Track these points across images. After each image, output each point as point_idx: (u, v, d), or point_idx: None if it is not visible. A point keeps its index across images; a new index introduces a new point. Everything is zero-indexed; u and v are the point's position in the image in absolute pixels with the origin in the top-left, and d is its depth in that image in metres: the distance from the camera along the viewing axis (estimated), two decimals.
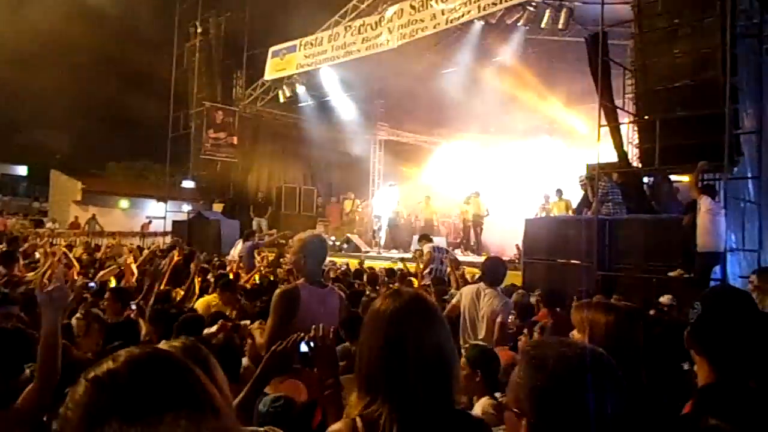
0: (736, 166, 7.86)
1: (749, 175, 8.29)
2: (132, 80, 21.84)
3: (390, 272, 9.17)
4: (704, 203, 7.07)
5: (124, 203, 24.51)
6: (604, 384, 1.08)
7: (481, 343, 3.47)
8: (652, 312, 4.79)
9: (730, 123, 7.45)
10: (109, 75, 22.86)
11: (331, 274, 7.66)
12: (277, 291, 3.04)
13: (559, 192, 13.81)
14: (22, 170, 36.84)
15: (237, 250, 11.34)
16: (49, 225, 21.82)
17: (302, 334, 1.94)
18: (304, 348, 1.90)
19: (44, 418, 2.09)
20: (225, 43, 18.73)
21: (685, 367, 2.29)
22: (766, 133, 8.21)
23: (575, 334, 1.75)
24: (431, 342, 1.37)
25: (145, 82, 21.98)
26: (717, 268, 7.24)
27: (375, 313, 1.43)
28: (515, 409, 1.12)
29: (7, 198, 30.78)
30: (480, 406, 2.77)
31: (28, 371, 2.32)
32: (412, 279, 8.14)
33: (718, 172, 7.73)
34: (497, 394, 2.80)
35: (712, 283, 7.19)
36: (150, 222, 21.20)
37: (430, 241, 9.44)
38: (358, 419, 1.34)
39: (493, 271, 5.02)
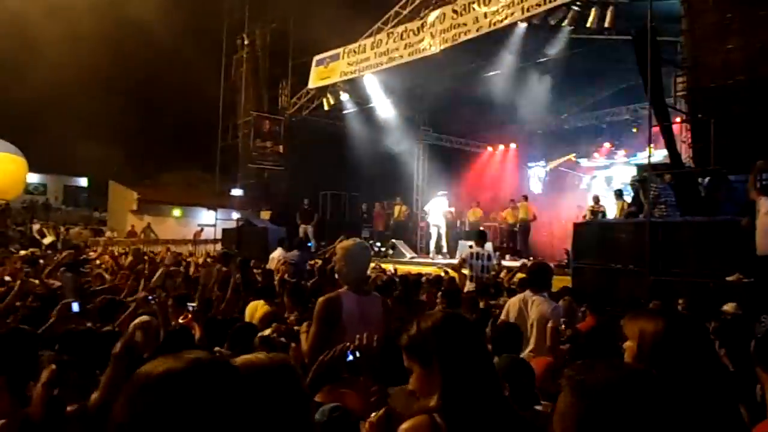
0: None
1: None
2: (182, 93, 22.56)
3: (437, 279, 9.14)
4: (764, 204, 6.76)
5: (176, 212, 25.25)
6: (653, 411, 1.04)
7: (512, 355, 3.39)
8: (712, 324, 4.54)
9: None
10: (161, 89, 23.67)
11: (378, 282, 7.69)
12: (320, 299, 3.05)
13: (618, 193, 13.41)
14: (83, 182, 38.57)
15: (276, 254, 11.59)
16: (107, 234, 22.78)
17: (348, 344, 1.97)
18: (350, 357, 1.94)
19: None
20: (271, 54, 19.16)
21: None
22: None
23: (627, 344, 1.69)
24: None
25: (195, 94, 22.66)
26: None
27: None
28: None
29: (70, 208, 32.25)
30: None
31: None
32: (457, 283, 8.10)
33: None
34: (538, 407, 2.72)
35: None
36: (202, 230, 21.78)
37: (483, 245, 9.12)
38: (436, 415, 1.39)
39: (539, 276, 4.84)
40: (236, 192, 19.35)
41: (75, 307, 3.93)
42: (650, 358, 1.59)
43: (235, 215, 19.46)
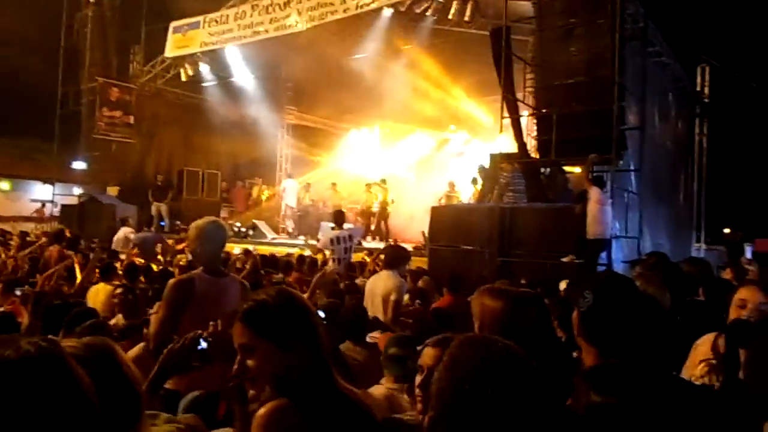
0: (621, 159, 8.49)
1: (632, 167, 8.99)
2: (14, 50, 19.92)
3: (300, 259, 9.10)
4: (594, 193, 7.59)
5: (4, 185, 22.47)
6: (514, 393, 1.09)
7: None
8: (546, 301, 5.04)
9: (617, 119, 8.03)
10: None
11: (237, 264, 7.45)
12: (170, 281, 2.93)
13: (474, 179, 14.27)
14: None
15: (121, 234, 10.84)
16: None
17: (200, 332, 1.88)
18: (202, 345, 1.85)
19: None
20: (121, 16, 17.52)
21: (575, 355, 2.39)
22: (648, 129, 8.92)
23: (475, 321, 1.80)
24: None
25: (29, 52, 20.12)
26: (603, 254, 7.81)
27: None
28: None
29: None
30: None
31: None
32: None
33: (607, 164, 8.31)
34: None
35: (599, 268, 7.78)
36: (44, 206, 19.63)
37: (341, 227, 9.27)
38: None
39: (392, 256, 5.25)
40: (78, 165, 17.55)
41: None
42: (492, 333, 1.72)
43: (77, 190, 17.71)
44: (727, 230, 21.43)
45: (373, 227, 15.06)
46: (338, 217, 8.59)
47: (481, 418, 1.06)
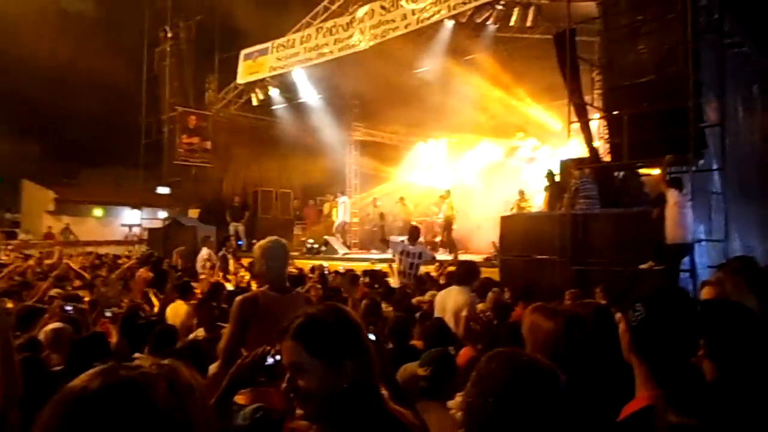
0: (701, 159, 8.04)
1: (714, 167, 8.48)
2: (103, 86, 21.50)
3: (371, 274, 9.23)
4: (672, 196, 7.22)
5: (98, 212, 24.09)
6: (537, 407, 1.09)
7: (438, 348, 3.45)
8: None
9: (694, 117, 7.63)
10: (79, 81, 22.45)
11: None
12: (237, 298, 3.04)
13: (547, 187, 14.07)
14: None
15: (201, 255, 11.33)
16: (21, 236, 21.39)
17: (268, 348, 1.93)
18: (270, 360, 1.90)
19: None
20: (196, 47, 18.57)
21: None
22: (729, 126, 8.41)
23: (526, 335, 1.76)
24: None
25: (115, 87, 21.64)
26: (686, 259, 7.40)
27: None
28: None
29: None
30: None
31: None
32: (389, 280, 8.19)
33: (685, 164, 7.89)
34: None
35: (682, 274, 7.38)
36: (131, 229, 20.95)
37: (415, 243, 9.26)
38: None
39: (463, 273, 5.22)
40: (162, 190, 18.63)
41: None
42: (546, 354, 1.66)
43: (162, 214, 18.78)
44: None
45: (438, 239, 14.99)
46: (413, 233, 8.66)
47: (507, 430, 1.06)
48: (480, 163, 17.29)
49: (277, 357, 1.88)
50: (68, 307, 4.20)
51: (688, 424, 1.36)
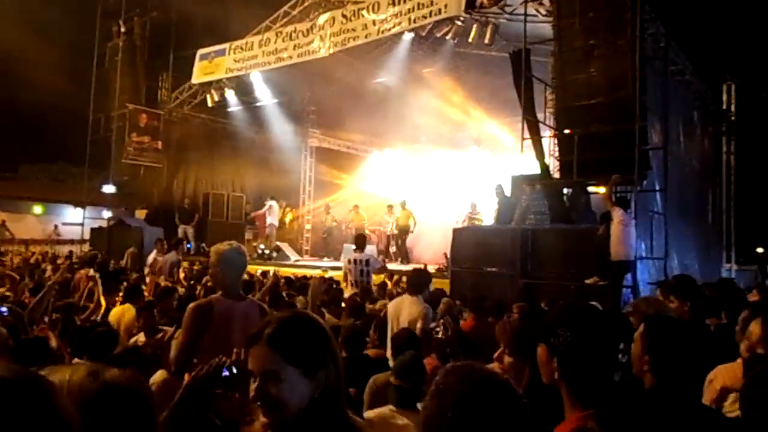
0: (645, 180, 8.40)
1: (657, 187, 8.88)
2: (48, 79, 20.64)
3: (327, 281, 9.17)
4: (617, 214, 7.51)
5: (37, 209, 23.09)
6: (495, 422, 1.10)
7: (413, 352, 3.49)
8: None
9: (639, 139, 7.97)
10: (23, 72, 21.49)
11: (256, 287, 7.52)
12: (190, 305, 2.96)
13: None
14: None
15: (151, 256, 11.01)
16: None
17: (224, 359, 1.89)
18: (226, 372, 1.87)
19: None
20: (150, 44, 18.07)
21: None
22: (672, 148, 8.83)
23: (503, 354, 1.79)
24: None
25: (61, 81, 20.82)
26: (628, 276, 7.70)
27: None
28: None
29: None
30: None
31: None
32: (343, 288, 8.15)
33: (630, 185, 8.23)
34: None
35: (624, 290, 7.66)
36: (56, 227, 20.22)
37: (362, 251, 9.27)
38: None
39: (415, 281, 5.23)
40: (108, 189, 17.98)
41: None
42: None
43: (107, 214, 18.14)
44: (760, 249, 20.88)
45: (393, 249, 15.10)
46: (359, 241, 8.64)
47: None
48: (434, 174, 17.51)
49: (234, 369, 1.85)
50: (3, 309, 3.99)
51: None
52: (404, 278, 8.06)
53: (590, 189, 9.51)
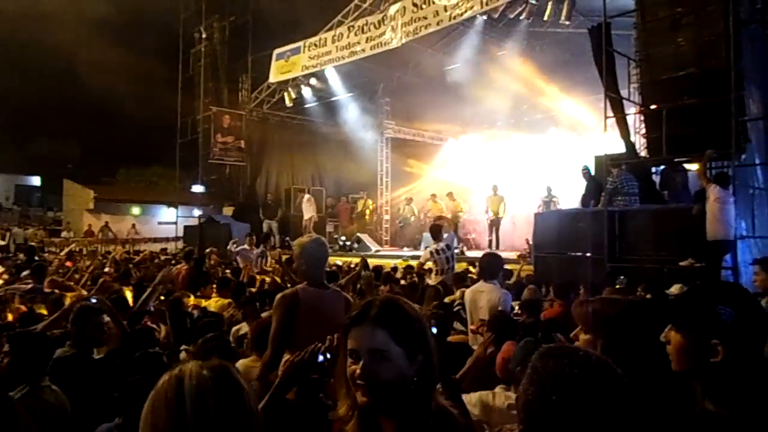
0: (743, 153, 7.83)
1: (757, 161, 8.25)
2: (139, 87, 22.04)
3: (407, 270, 9.27)
4: (713, 192, 7.06)
5: (135, 210, 24.73)
6: (600, 401, 1.09)
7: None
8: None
9: (736, 110, 7.42)
10: (116, 83, 23.05)
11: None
12: (277, 296, 3.09)
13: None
14: (35, 180, 37.27)
15: (241, 249, 11.55)
16: (64, 234, 22.12)
17: (319, 345, 1.96)
18: (320, 358, 1.93)
19: None
20: (229, 48, 18.86)
21: None
22: None
23: (578, 332, 1.76)
24: None
25: (151, 89, 22.17)
26: (728, 256, 7.23)
27: None
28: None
29: (22, 208, 31.17)
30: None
31: None
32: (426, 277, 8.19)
33: (726, 159, 7.70)
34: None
35: (724, 272, 7.20)
36: (134, 226, 21.64)
37: (438, 240, 9.15)
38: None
39: (488, 266, 5.15)
40: (197, 188, 19.01)
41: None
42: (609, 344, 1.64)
43: (197, 212, 19.17)
44: None
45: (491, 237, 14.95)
46: (434, 231, 8.58)
47: (570, 427, 1.07)
48: (512, 159, 17.13)
49: (328, 355, 1.91)
50: (92, 300, 4.24)
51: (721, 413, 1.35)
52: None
53: (686, 166, 8.98)
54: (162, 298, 4.96)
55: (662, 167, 9.49)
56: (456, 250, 8.59)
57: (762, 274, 3.41)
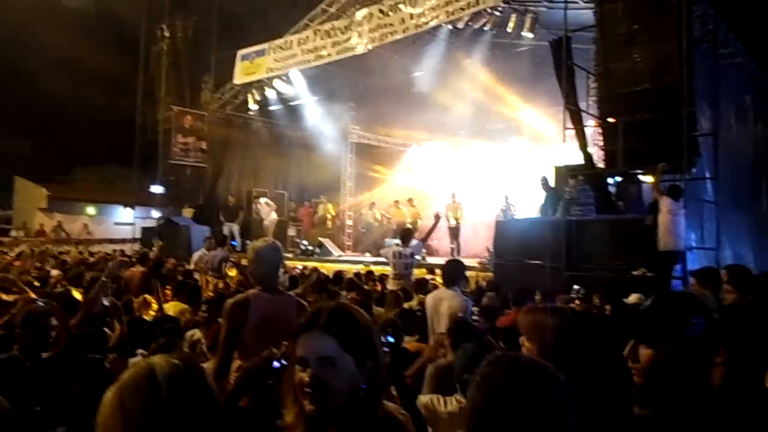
0: (694, 167, 8.13)
1: (707, 175, 8.57)
2: (97, 84, 21.44)
3: (368, 276, 9.26)
4: (665, 203, 7.31)
5: (91, 210, 24.00)
6: (543, 407, 1.11)
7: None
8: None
9: (687, 126, 7.72)
10: (73, 78, 22.38)
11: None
12: (227, 301, 3.05)
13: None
14: None
15: (197, 255, 11.31)
16: (13, 233, 21.27)
17: (274, 351, 1.94)
18: (276, 364, 1.92)
19: None
20: (193, 47, 18.54)
21: None
22: (722, 135, 8.50)
23: (523, 340, 1.77)
24: None
25: (109, 86, 21.59)
26: (678, 266, 7.48)
27: None
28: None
29: None
30: None
31: None
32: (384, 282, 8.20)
33: (678, 173, 7.98)
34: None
35: (673, 281, 7.45)
36: (86, 226, 21.05)
37: (406, 245, 9.14)
38: None
39: (450, 273, 5.17)
40: (156, 189, 18.58)
41: None
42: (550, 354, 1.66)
43: (156, 213, 18.73)
44: None
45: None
46: (405, 234, 8.59)
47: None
48: (473, 167, 17.35)
49: (284, 361, 1.89)
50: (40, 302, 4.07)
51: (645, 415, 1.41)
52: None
53: (641, 178, 9.26)
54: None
55: (618, 178, 9.77)
56: (418, 257, 8.61)
57: (697, 286, 3.61)
